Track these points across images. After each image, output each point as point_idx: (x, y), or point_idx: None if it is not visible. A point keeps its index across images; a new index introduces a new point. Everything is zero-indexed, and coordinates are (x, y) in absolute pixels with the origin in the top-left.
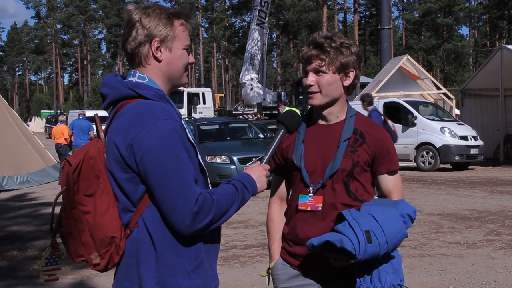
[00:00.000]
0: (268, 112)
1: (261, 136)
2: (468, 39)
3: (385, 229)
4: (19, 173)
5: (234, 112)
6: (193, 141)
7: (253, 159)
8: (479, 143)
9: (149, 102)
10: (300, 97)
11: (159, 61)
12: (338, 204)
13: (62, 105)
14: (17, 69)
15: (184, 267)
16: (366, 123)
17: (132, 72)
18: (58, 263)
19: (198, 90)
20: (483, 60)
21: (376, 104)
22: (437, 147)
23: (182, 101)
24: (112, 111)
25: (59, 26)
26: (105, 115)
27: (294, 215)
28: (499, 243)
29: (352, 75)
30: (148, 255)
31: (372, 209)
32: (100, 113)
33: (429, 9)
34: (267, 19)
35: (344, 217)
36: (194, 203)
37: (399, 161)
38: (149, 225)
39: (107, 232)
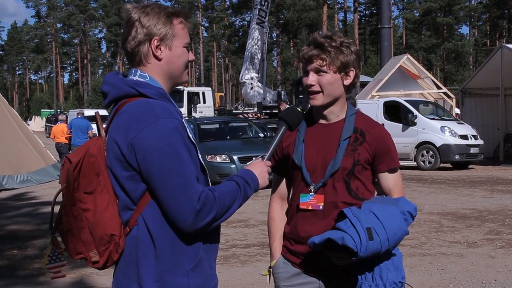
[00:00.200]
0: (268, 111)
1: (261, 135)
2: (468, 38)
3: (386, 226)
4: (19, 172)
5: (234, 111)
6: (193, 140)
7: (253, 158)
8: (479, 142)
9: (150, 100)
10: (300, 96)
11: (159, 59)
12: (339, 202)
13: (62, 104)
14: (17, 68)
15: (183, 266)
16: (366, 122)
17: (133, 70)
18: (62, 259)
19: (198, 89)
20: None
21: (377, 102)
22: (437, 146)
23: (182, 100)
24: (113, 109)
25: (59, 25)
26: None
27: (295, 214)
28: (499, 242)
29: (352, 74)
30: (147, 253)
31: (373, 206)
32: (100, 112)
33: (429, 8)
34: (267, 18)
35: (345, 215)
36: (196, 201)
37: (399, 160)
38: (149, 223)
39: (106, 230)
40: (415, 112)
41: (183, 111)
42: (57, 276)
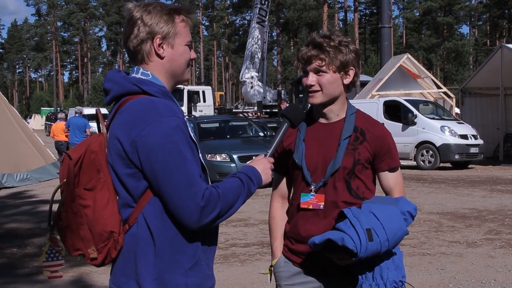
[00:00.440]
0: (268, 110)
1: (261, 134)
2: (468, 38)
3: (386, 226)
4: (18, 171)
5: (234, 110)
6: (194, 139)
7: (253, 157)
8: (479, 142)
9: (153, 98)
10: (300, 96)
11: (162, 57)
12: (339, 202)
13: (62, 103)
14: (17, 67)
15: (182, 265)
16: (366, 121)
17: (135, 68)
18: (59, 258)
19: (198, 88)
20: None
21: (377, 102)
22: (437, 146)
23: (182, 99)
24: (114, 107)
25: (59, 23)
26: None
27: (296, 213)
28: (498, 242)
29: (352, 73)
30: (147, 251)
31: (373, 207)
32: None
33: (430, 8)
34: (267, 17)
35: (345, 215)
36: (200, 198)
37: (399, 159)
38: (149, 221)
39: (106, 226)
40: (415, 111)
41: (183, 110)
42: (54, 276)
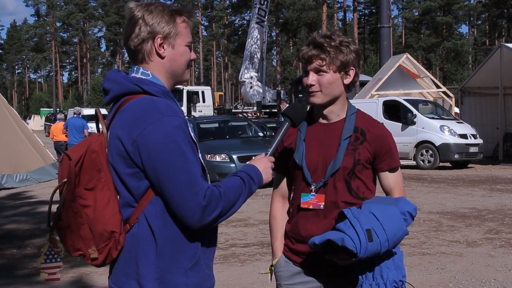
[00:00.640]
0: (267, 110)
1: (260, 134)
2: (467, 37)
3: (386, 227)
4: (18, 172)
5: (233, 110)
6: (194, 139)
7: (253, 158)
8: (479, 141)
9: (154, 98)
10: (299, 96)
11: (162, 57)
12: (340, 202)
13: (61, 103)
14: (16, 67)
15: (182, 264)
16: (366, 121)
17: (135, 68)
18: (57, 260)
19: (197, 88)
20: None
21: (376, 102)
22: (437, 145)
23: (181, 99)
24: (114, 107)
25: (58, 24)
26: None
27: (296, 213)
28: (498, 241)
29: (352, 73)
30: (148, 251)
31: (373, 207)
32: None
33: (429, 8)
34: (266, 17)
35: (345, 216)
36: (202, 197)
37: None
38: (151, 221)
39: (106, 226)
40: (415, 111)
41: (183, 110)
42: (51, 278)
